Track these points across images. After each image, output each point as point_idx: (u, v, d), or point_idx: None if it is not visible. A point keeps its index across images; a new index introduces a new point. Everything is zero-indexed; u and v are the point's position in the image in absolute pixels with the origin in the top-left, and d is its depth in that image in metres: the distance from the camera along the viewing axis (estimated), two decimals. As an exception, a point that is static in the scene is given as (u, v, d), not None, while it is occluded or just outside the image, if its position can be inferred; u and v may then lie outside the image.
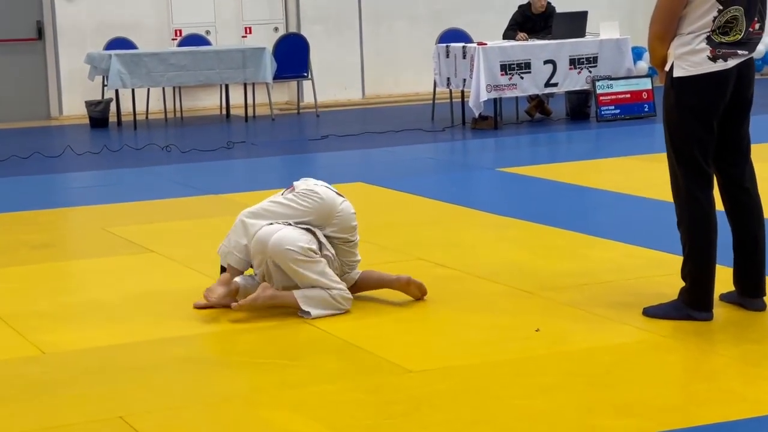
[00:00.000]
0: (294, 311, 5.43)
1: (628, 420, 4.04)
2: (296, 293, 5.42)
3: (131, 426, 4.10)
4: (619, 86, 13.09)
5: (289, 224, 5.49)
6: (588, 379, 4.50)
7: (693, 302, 5.11)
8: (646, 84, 13.27)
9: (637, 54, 15.44)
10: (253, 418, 4.18)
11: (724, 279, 5.28)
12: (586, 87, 13.10)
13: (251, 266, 5.62)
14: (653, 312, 5.21)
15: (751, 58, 5.08)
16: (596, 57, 13.07)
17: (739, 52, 5.00)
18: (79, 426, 4.14)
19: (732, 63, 4.99)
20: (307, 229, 5.49)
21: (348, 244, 5.61)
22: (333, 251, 5.54)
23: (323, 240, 5.51)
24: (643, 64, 15.94)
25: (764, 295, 5.24)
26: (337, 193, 5.62)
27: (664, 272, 5.92)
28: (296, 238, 5.42)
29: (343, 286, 5.49)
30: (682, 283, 5.19)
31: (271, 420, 4.15)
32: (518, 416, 4.12)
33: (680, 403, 4.31)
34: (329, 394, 4.39)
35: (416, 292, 5.66)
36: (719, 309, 5.21)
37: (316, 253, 5.43)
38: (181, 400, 4.39)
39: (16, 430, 4.13)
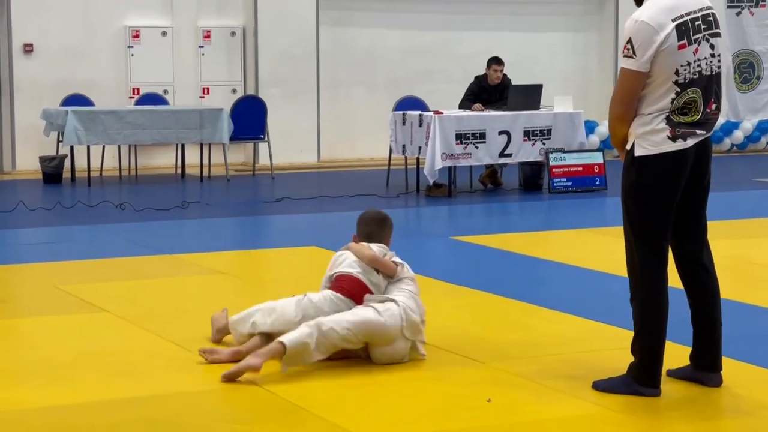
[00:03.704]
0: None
1: (577, 493, 4.09)
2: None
3: (83, 487, 4.09)
4: (572, 159, 13.27)
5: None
6: (538, 451, 4.55)
7: (642, 378, 5.17)
8: (598, 158, 13.46)
9: (590, 128, 15.68)
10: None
11: (673, 355, 5.36)
12: (540, 159, 13.26)
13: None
14: (603, 386, 5.26)
15: (708, 138, 5.19)
16: (550, 129, 13.26)
17: (698, 131, 5.11)
18: (29, 486, 4.13)
19: (691, 142, 5.09)
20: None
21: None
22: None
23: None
24: (596, 138, 16.19)
25: (721, 369, 5.32)
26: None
27: (614, 346, 5.99)
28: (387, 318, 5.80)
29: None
30: (632, 358, 5.26)
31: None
32: (469, 486, 4.15)
33: (629, 477, 4.37)
34: (281, 460, 4.40)
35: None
36: (669, 385, 5.27)
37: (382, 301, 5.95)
38: (133, 462, 4.39)
39: (-34, 488, 4.11)
